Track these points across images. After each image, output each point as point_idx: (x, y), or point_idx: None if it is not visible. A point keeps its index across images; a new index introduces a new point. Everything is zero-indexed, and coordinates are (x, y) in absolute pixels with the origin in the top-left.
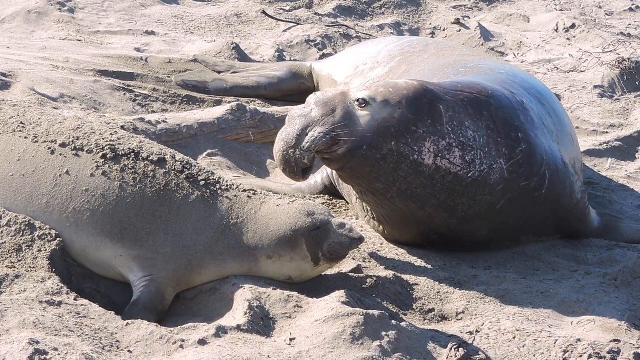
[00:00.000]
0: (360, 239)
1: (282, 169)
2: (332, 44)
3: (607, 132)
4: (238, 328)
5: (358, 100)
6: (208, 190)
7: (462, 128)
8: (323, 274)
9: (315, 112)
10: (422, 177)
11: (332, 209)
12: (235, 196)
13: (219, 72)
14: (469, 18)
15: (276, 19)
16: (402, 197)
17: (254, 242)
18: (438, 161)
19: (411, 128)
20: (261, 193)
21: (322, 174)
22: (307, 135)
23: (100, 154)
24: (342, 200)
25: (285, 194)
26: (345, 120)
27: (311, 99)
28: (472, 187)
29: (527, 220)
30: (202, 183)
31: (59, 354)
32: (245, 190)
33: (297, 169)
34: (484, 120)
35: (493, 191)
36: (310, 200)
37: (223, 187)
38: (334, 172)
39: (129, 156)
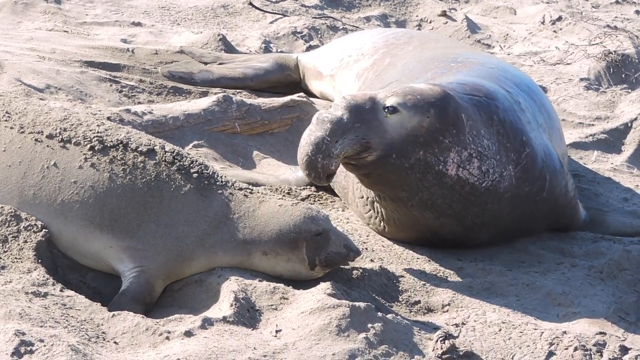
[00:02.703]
0: (358, 252)
1: (307, 173)
2: (319, 36)
3: (593, 125)
4: (224, 320)
5: (387, 108)
6: (202, 184)
7: (479, 137)
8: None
9: (347, 118)
10: (444, 188)
11: (318, 201)
12: (231, 193)
13: (206, 64)
14: (456, 10)
15: (263, 11)
16: (422, 206)
17: (250, 237)
18: (460, 172)
19: (438, 138)
20: (258, 192)
21: None
22: (336, 141)
23: (88, 145)
24: (327, 193)
25: (271, 186)
26: (376, 127)
27: (342, 103)
28: (484, 197)
29: (526, 223)
30: (195, 175)
31: (44, 345)
32: (241, 189)
33: (323, 174)
34: (495, 126)
35: (502, 199)
36: (312, 205)
37: (218, 183)
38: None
39: (117, 147)
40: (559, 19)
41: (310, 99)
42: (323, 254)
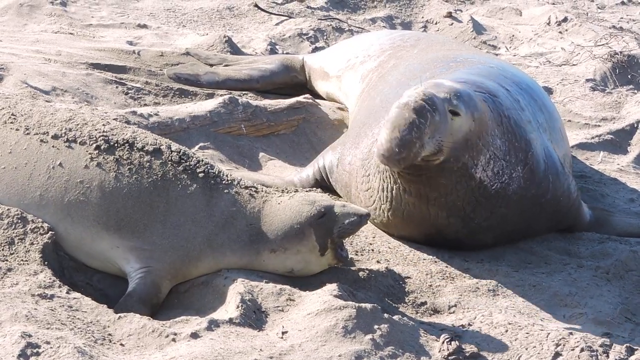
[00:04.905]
0: (368, 214)
1: (387, 155)
2: (325, 38)
3: (599, 126)
4: (230, 321)
5: (451, 111)
6: (208, 183)
7: (494, 137)
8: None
9: (438, 118)
10: (469, 190)
11: None
12: (237, 192)
13: (211, 65)
14: (461, 11)
15: (268, 12)
16: (441, 206)
17: (257, 237)
18: (482, 174)
19: (477, 141)
20: (263, 190)
21: (313, 168)
22: (429, 137)
23: (94, 145)
24: (332, 193)
25: (277, 187)
26: (446, 130)
27: (435, 100)
28: (493, 200)
29: (531, 226)
30: (201, 175)
31: (51, 348)
32: (247, 187)
33: (402, 162)
34: (504, 125)
35: (510, 202)
36: (307, 190)
37: (224, 182)
38: (328, 166)
39: (123, 147)
40: (565, 20)
41: (316, 100)
42: (335, 232)
